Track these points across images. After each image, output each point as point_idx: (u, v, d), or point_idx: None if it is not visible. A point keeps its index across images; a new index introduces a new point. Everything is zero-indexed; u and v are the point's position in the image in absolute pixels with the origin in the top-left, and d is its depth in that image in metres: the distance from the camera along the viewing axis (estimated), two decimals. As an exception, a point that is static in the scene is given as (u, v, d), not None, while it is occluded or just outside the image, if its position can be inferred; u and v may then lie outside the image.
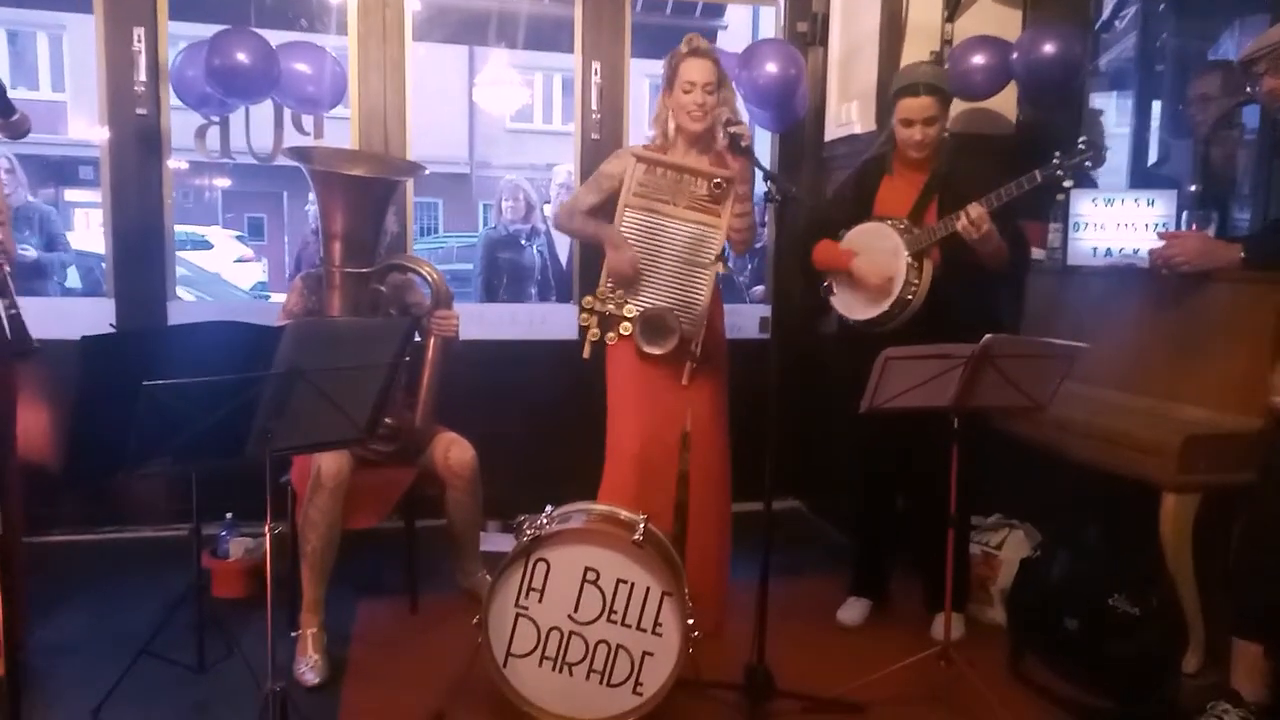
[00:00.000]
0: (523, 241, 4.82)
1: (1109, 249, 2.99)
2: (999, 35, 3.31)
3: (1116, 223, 2.99)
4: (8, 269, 2.12)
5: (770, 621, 2.31)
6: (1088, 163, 2.47)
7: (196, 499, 2.42)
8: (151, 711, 2.30)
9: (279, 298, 3.25)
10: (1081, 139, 2.48)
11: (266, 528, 1.78)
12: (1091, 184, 3.28)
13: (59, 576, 3.09)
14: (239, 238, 13.22)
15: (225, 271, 10.84)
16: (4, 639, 1.68)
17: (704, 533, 2.71)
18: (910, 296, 2.60)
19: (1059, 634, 2.51)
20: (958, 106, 3.11)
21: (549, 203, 5.50)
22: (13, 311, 2.12)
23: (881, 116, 3.50)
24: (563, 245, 5.21)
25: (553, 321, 3.90)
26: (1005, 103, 3.46)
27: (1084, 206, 3.01)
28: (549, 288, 4.92)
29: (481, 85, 9.13)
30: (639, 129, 3.59)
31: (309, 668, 2.49)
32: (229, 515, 3.07)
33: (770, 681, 2.30)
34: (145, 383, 1.36)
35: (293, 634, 2.59)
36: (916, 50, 3.48)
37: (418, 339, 2.78)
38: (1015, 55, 3.22)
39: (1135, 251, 2.90)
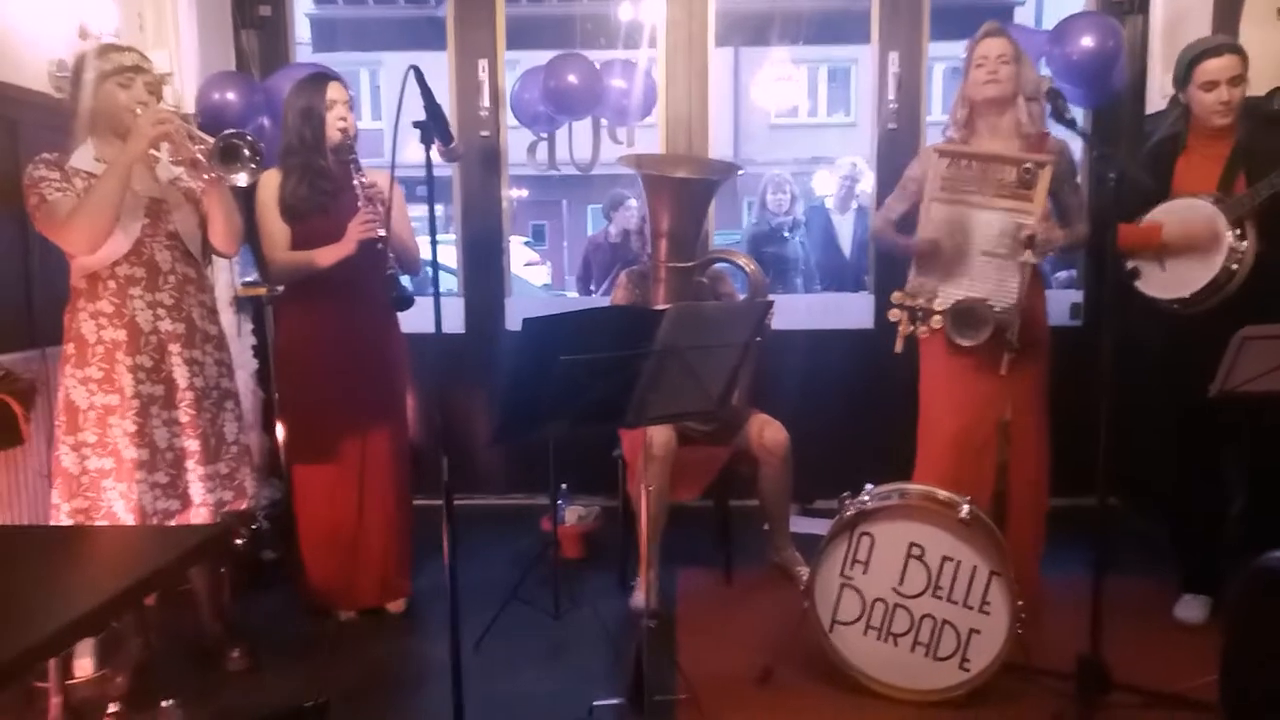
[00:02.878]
0: (785, 234, 4.92)
1: None
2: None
3: None
4: (383, 238, 2.56)
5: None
6: None
7: (537, 472, 2.75)
8: (520, 647, 2.68)
9: (571, 294, 3.55)
10: None
11: (644, 487, 2.04)
12: None
13: (425, 534, 3.63)
14: (526, 243, 14.37)
15: (519, 273, 11.84)
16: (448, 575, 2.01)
17: (1022, 524, 2.67)
18: (1235, 265, 2.43)
19: None
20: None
21: (832, 196, 5.59)
22: (391, 271, 2.60)
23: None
24: (845, 236, 5.27)
25: (847, 310, 3.98)
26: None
27: None
28: (813, 279, 4.98)
29: (761, 83, 9.31)
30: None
31: (646, 608, 2.78)
32: (564, 486, 3.45)
33: (1105, 672, 2.24)
34: (563, 356, 1.63)
35: (630, 583, 2.94)
36: (1259, 9, 3.18)
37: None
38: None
39: None
